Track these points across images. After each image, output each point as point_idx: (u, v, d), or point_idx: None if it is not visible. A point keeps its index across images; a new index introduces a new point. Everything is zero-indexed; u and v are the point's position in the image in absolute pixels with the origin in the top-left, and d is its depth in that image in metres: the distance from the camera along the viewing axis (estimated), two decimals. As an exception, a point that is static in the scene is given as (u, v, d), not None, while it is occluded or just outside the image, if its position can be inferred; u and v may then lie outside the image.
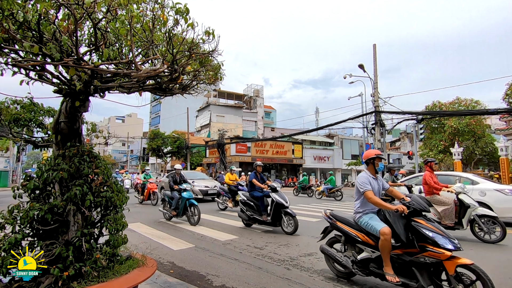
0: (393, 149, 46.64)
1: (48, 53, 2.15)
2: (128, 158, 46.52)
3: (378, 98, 15.85)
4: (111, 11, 2.32)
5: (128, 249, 3.24)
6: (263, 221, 6.88)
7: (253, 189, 7.39)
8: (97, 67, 2.31)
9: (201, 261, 4.60)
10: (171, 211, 7.99)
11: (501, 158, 17.10)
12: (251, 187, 7.43)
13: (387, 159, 16.36)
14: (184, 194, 7.72)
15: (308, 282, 3.73)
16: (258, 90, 48.28)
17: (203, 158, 34.46)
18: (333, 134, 42.56)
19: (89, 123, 3.56)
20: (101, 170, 2.86)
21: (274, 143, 31.42)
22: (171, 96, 3.52)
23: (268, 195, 7.01)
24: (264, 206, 6.98)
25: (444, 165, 27.74)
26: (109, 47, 2.80)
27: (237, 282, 3.73)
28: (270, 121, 50.99)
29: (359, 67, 16.66)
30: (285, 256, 4.87)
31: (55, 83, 2.65)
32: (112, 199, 2.81)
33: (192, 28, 2.59)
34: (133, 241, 4.70)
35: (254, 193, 7.29)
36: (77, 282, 2.40)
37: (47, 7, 2.17)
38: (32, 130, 3.83)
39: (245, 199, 7.45)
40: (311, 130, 28.55)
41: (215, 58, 3.18)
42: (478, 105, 23.41)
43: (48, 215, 2.49)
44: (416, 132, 19.26)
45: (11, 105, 3.35)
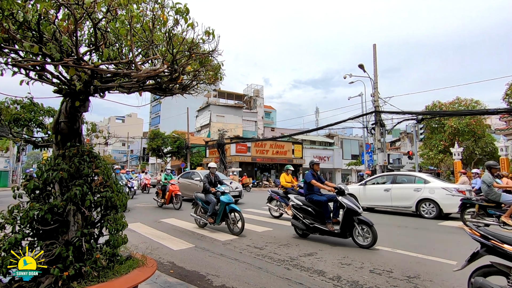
0: (393, 149, 46.63)
1: (48, 53, 2.15)
2: (128, 158, 46.52)
3: (378, 98, 15.85)
4: (111, 11, 2.32)
5: (128, 249, 3.24)
6: (328, 231, 5.70)
7: (311, 191, 6.21)
8: (97, 67, 2.31)
9: (201, 261, 4.60)
10: (207, 217, 6.88)
11: (501, 158, 17.09)
12: (309, 189, 6.26)
13: (387, 159, 16.36)
14: (223, 198, 6.63)
15: (308, 282, 3.73)
16: (258, 90, 48.28)
17: (203, 158, 34.44)
18: (333, 134, 42.57)
19: (89, 123, 3.56)
20: (101, 170, 2.86)
21: (274, 143, 31.41)
22: (171, 96, 3.52)
23: (333, 199, 5.83)
24: (328, 213, 5.84)
25: (444, 165, 27.74)
26: (109, 47, 2.80)
27: (237, 282, 3.73)
28: (270, 121, 51.00)
29: (359, 67, 16.66)
30: (285, 256, 4.87)
31: (55, 83, 2.65)
32: (112, 199, 2.81)
33: (192, 28, 2.59)
34: (133, 241, 4.70)
35: (314, 197, 6.08)
36: (77, 282, 2.40)
37: (47, 7, 2.17)
38: (32, 130, 3.83)
39: (300, 204, 6.22)
40: (311, 130, 28.56)
41: (215, 58, 3.18)
42: (478, 105, 23.40)
43: (48, 215, 2.49)
44: (416, 132, 19.26)
45: (11, 105, 3.35)
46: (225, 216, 6.72)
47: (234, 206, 6.64)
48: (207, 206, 7.06)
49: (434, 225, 8.01)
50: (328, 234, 5.75)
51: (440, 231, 7.17)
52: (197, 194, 7.53)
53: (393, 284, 3.66)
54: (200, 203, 7.28)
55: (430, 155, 26.01)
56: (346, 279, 3.82)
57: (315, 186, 6.15)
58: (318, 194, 6.13)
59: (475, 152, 24.87)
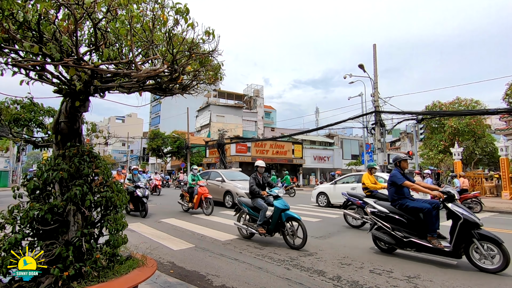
0: (393, 149, 46.62)
1: (48, 53, 2.15)
2: (128, 158, 46.51)
3: (378, 98, 15.85)
4: (111, 11, 2.32)
5: (128, 249, 3.24)
6: (433, 248, 4.43)
7: (402, 195, 4.94)
8: (97, 67, 2.31)
9: (201, 261, 4.60)
10: (257, 227, 5.77)
11: (501, 158, 17.09)
12: (398, 193, 4.97)
13: (387, 159, 16.34)
14: (277, 203, 5.56)
15: (308, 282, 3.73)
16: (258, 90, 48.29)
17: (203, 158, 34.44)
18: (333, 134, 42.58)
19: (89, 123, 3.56)
20: (101, 170, 2.86)
21: (274, 143, 31.41)
22: (171, 96, 3.52)
23: (435, 206, 4.57)
24: (434, 225, 4.54)
25: (444, 165, 27.74)
26: (109, 47, 2.80)
27: (237, 282, 3.73)
28: (270, 121, 51.00)
29: (359, 67, 16.65)
30: (285, 256, 4.87)
31: (55, 83, 2.65)
32: (112, 199, 2.81)
33: (192, 28, 2.59)
34: (133, 241, 4.70)
35: (409, 203, 4.79)
36: (77, 282, 2.40)
37: (47, 7, 2.17)
38: (32, 130, 3.83)
39: (385, 211, 5.01)
40: (311, 130, 28.55)
41: (215, 58, 3.18)
42: (478, 105, 23.38)
43: (48, 215, 2.49)
44: (416, 132, 19.26)
45: (11, 105, 3.35)
46: (280, 226, 5.58)
47: (291, 213, 5.49)
48: (255, 213, 5.96)
49: (434, 225, 7.99)
50: (430, 251, 4.49)
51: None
52: (241, 199, 6.46)
53: (393, 284, 3.66)
54: (246, 209, 6.13)
55: (430, 155, 25.99)
56: (346, 279, 3.82)
57: (405, 189, 4.94)
58: (411, 199, 4.91)
59: (475, 152, 24.86)
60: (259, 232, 5.71)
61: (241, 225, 6.28)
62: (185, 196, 10.33)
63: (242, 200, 6.41)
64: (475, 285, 3.67)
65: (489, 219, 9.46)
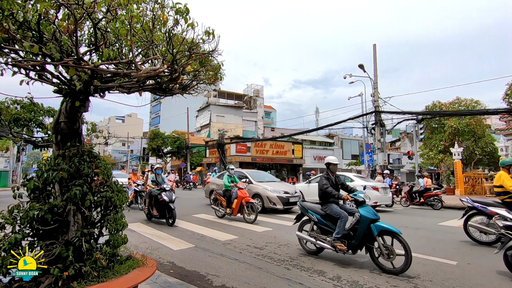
0: (393, 149, 46.64)
1: (48, 53, 2.15)
2: (128, 158, 46.51)
3: (378, 98, 15.85)
4: (111, 11, 2.32)
5: (128, 249, 3.24)
6: None
7: None
8: (97, 67, 2.31)
9: (201, 261, 4.60)
10: (333, 240, 4.49)
11: (501, 158, 17.08)
12: None
13: (387, 159, 16.34)
14: (364, 212, 4.33)
15: (308, 282, 3.73)
16: (258, 90, 48.29)
17: (203, 158, 34.46)
18: (333, 134, 42.59)
19: (89, 123, 3.56)
20: (101, 170, 2.86)
21: (274, 143, 31.42)
22: (171, 96, 3.52)
23: None
24: None
25: (444, 165, 27.74)
26: (109, 47, 2.80)
27: (237, 282, 3.73)
28: (270, 121, 51.01)
29: (359, 67, 16.66)
30: (285, 256, 4.87)
31: (55, 83, 2.65)
32: (112, 199, 2.81)
33: (192, 28, 2.59)
34: (133, 241, 4.70)
35: None
36: (77, 282, 2.40)
37: (47, 7, 2.17)
38: (32, 130, 3.83)
39: None
40: (311, 130, 28.58)
41: (215, 58, 3.18)
42: (478, 105, 23.39)
43: (48, 215, 2.49)
44: (416, 132, 19.27)
45: (11, 105, 3.35)
46: (366, 241, 4.32)
47: (386, 225, 4.21)
48: (328, 223, 4.74)
49: (434, 225, 8.03)
50: None
51: (440, 231, 7.17)
52: (306, 204, 5.18)
53: (393, 284, 3.66)
54: (315, 217, 4.85)
55: (430, 155, 25.99)
56: (346, 279, 3.82)
57: None
58: None
59: (475, 152, 24.87)
60: (337, 248, 4.44)
61: (306, 237, 4.98)
62: (220, 200, 8.87)
63: (308, 205, 5.10)
64: (475, 285, 3.67)
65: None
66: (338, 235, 4.46)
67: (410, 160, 21.50)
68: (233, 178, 8.93)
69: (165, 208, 7.68)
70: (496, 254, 4.16)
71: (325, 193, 4.75)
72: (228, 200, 8.57)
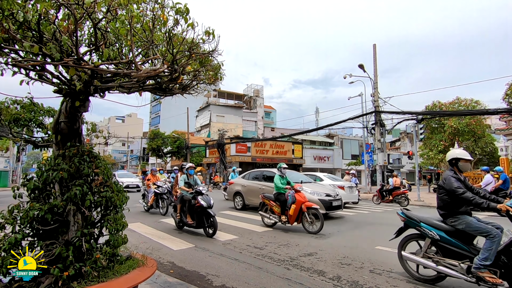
0: (393, 149, 46.65)
1: (48, 53, 2.15)
2: (128, 158, 46.54)
3: (378, 98, 15.85)
4: (111, 11, 2.32)
5: (128, 249, 3.24)
6: None
7: None
8: (97, 67, 2.31)
9: (201, 261, 4.60)
10: (482, 271, 3.18)
11: (501, 158, 17.09)
12: None
13: (387, 159, 16.35)
14: None
15: (308, 282, 3.73)
16: (258, 90, 48.29)
17: (203, 158, 34.46)
18: (333, 134, 42.58)
19: (89, 123, 3.56)
20: (101, 170, 2.86)
21: (274, 143, 31.42)
22: (171, 96, 3.52)
23: None
24: None
25: (444, 165, 27.74)
26: (109, 47, 2.80)
27: (237, 282, 3.73)
28: (270, 121, 51.00)
29: (359, 67, 16.66)
30: (285, 256, 4.87)
31: (55, 83, 2.65)
32: (112, 199, 2.81)
33: (192, 28, 2.59)
34: (133, 241, 4.70)
35: None
36: (77, 282, 2.40)
37: (47, 7, 2.17)
38: (32, 130, 3.83)
39: None
40: (311, 130, 28.58)
41: (215, 58, 3.18)
42: (478, 105, 23.40)
43: (48, 215, 2.49)
44: (416, 132, 19.24)
45: (11, 105, 3.35)
46: None
47: None
48: (458, 244, 3.47)
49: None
50: None
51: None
52: (421, 216, 3.85)
53: (393, 284, 3.66)
54: (435, 233, 3.59)
55: (430, 155, 26.00)
56: (346, 279, 3.82)
57: None
58: None
59: (475, 152, 24.87)
60: (486, 280, 3.15)
61: (420, 260, 3.71)
62: (269, 205, 7.39)
63: (420, 217, 3.82)
64: (475, 285, 3.67)
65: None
66: (486, 261, 3.14)
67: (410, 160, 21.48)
68: (286, 178, 7.54)
69: (202, 215, 6.37)
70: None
71: (460, 199, 3.43)
72: (282, 205, 7.10)
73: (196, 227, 6.52)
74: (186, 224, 6.75)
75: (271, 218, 7.35)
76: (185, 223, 6.76)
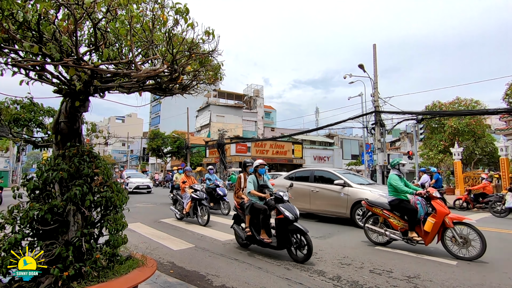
0: (393, 149, 46.63)
1: (48, 53, 2.15)
2: (128, 158, 46.54)
3: (378, 98, 15.85)
4: (111, 11, 2.32)
5: (128, 249, 3.24)
6: None
7: None
8: (97, 67, 2.31)
9: (201, 261, 4.60)
10: None
11: (501, 158, 17.07)
12: None
13: (387, 159, 16.35)
14: None
15: (308, 282, 3.73)
16: (258, 90, 48.28)
17: (203, 158, 34.46)
18: (333, 134, 42.59)
19: (89, 123, 3.56)
20: (101, 170, 2.86)
21: (274, 143, 31.42)
22: (171, 96, 3.52)
23: None
24: None
25: (444, 165, 27.74)
26: (109, 47, 2.80)
27: (237, 282, 3.73)
28: (270, 121, 50.99)
29: (359, 67, 16.65)
30: (285, 256, 4.87)
31: (55, 83, 2.65)
32: (112, 199, 2.81)
33: (192, 28, 2.59)
34: (133, 241, 4.70)
35: None
36: (77, 282, 2.40)
37: (47, 7, 2.17)
38: (32, 130, 3.83)
39: None
40: (311, 130, 28.56)
41: (215, 58, 3.18)
42: (478, 105, 23.39)
43: (48, 215, 2.49)
44: (416, 132, 19.24)
45: (11, 105, 3.35)
46: None
47: None
48: None
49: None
50: None
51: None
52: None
53: (393, 284, 3.66)
54: None
55: (430, 155, 25.99)
56: (346, 279, 3.82)
57: None
58: None
59: (475, 152, 24.86)
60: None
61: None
62: (384, 216, 5.47)
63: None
64: (475, 285, 3.67)
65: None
66: None
67: (410, 160, 21.48)
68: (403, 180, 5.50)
69: (288, 233, 4.61)
70: (497, 255, 4.16)
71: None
72: (410, 218, 5.11)
73: (278, 248, 4.75)
74: (260, 242, 4.91)
75: (387, 233, 5.36)
76: (259, 241, 4.92)
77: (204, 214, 7.84)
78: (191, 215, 8.04)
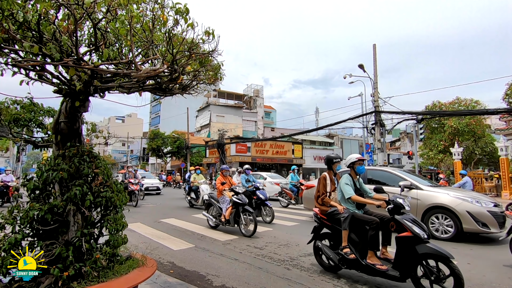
0: (393, 149, 46.65)
1: (48, 53, 2.15)
2: (128, 158, 46.53)
3: (378, 98, 15.84)
4: (111, 11, 2.32)
5: (128, 249, 3.24)
6: None
7: None
8: (97, 67, 2.31)
9: (201, 261, 4.60)
10: None
11: (501, 158, 17.08)
12: None
13: (387, 159, 16.35)
14: None
15: (308, 282, 3.73)
16: (258, 90, 48.28)
17: (203, 158, 34.45)
18: (333, 134, 42.59)
19: (89, 123, 3.56)
20: (101, 170, 2.86)
21: (274, 143, 31.41)
22: (171, 96, 3.52)
23: None
24: None
25: (444, 165, 27.75)
26: (109, 47, 2.80)
27: (237, 282, 3.73)
28: (270, 121, 50.99)
29: (359, 67, 16.65)
30: (285, 256, 4.87)
31: (55, 83, 2.65)
32: (112, 199, 2.81)
33: (192, 28, 2.59)
34: (133, 241, 4.70)
35: None
36: (77, 282, 2.40)
37: (47, 7, 2.17)
38: (32, 130, 3.83)
39: None
40: (311, 130, 28.54)
41: (215, 58, 3.18)
42: (478, 105, 23.40)
43: (48, 215, 2.49)
44: (416, 132, 19.25)
45: (11, 105, 3.35)
46: None
47: None
48: None
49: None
50: None
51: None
52: None
53: (393, 284, 3.66)
54: None
55: (430, 155, 26.01)
56: (346, 279, 3.82)
57: None
58: None
59: (475, 152, 24.87)
60: None
61: None
62: None
63: None
64: (475, 285, 3.67)
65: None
66: None
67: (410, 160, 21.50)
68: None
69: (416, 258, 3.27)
70: (496, 256, 4.16)
71: None
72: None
73: (400, 279, 3.29)
74: (367, 269, 3.52)
75: None
76: (365, 266, 3.53)
77: (249, 223, 6.56)
78: (231, 223, 6.75)
